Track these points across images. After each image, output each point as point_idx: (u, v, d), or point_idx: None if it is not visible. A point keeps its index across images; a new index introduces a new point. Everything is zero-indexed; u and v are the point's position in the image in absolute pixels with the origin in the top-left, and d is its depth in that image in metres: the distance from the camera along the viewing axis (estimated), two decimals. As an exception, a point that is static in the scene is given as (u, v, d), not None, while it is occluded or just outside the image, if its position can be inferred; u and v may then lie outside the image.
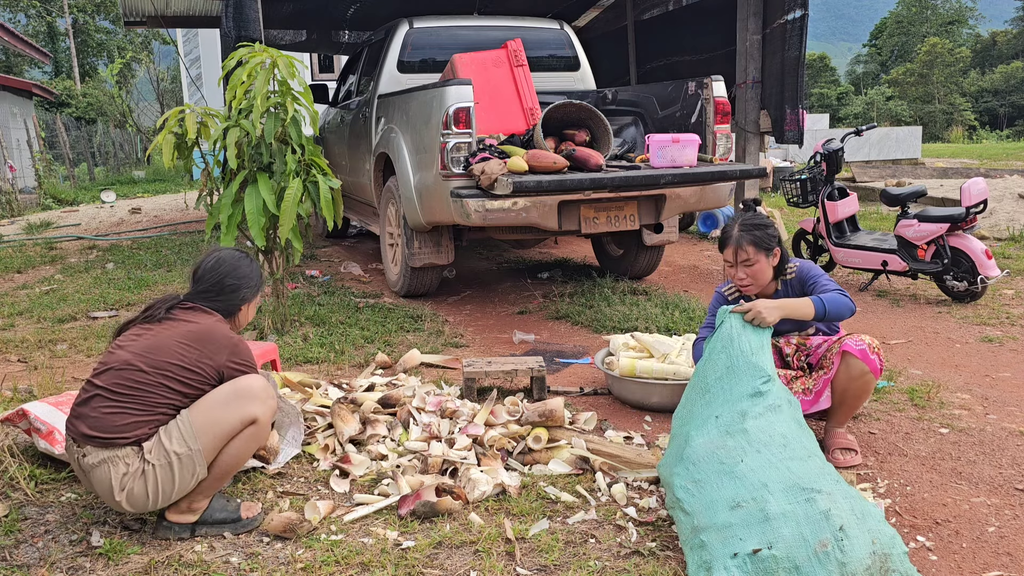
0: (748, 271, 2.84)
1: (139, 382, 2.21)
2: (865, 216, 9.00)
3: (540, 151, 4.76)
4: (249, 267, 2.55)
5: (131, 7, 9.62)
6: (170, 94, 32.26)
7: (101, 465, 2.18)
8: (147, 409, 2.21)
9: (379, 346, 4.29)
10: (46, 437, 2.67)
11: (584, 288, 5.56)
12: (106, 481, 2.18)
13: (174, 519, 2.34)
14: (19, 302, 5.59)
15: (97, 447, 2.18)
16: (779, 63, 7.29)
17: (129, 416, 2.20)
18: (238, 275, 2.49)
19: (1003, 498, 2.56)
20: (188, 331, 2.31)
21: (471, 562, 2.22)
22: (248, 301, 2.54)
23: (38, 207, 13.27)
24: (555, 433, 2.99)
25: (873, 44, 58.94)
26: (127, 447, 2.19)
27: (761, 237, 2.81)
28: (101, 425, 2.18)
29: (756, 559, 1.95)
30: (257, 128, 4.04)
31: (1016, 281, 5.67)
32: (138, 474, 2.19)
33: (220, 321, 2.41)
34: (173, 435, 2.21)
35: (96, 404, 2.21)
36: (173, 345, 2.26)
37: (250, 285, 2.53)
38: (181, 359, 2.25)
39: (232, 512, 2.40)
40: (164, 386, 2.23)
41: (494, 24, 6.36)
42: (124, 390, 2.21)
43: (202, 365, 2.28)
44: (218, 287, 2.45)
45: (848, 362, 2.79)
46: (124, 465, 2.18)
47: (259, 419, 2.30)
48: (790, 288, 2.91)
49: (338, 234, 8.44)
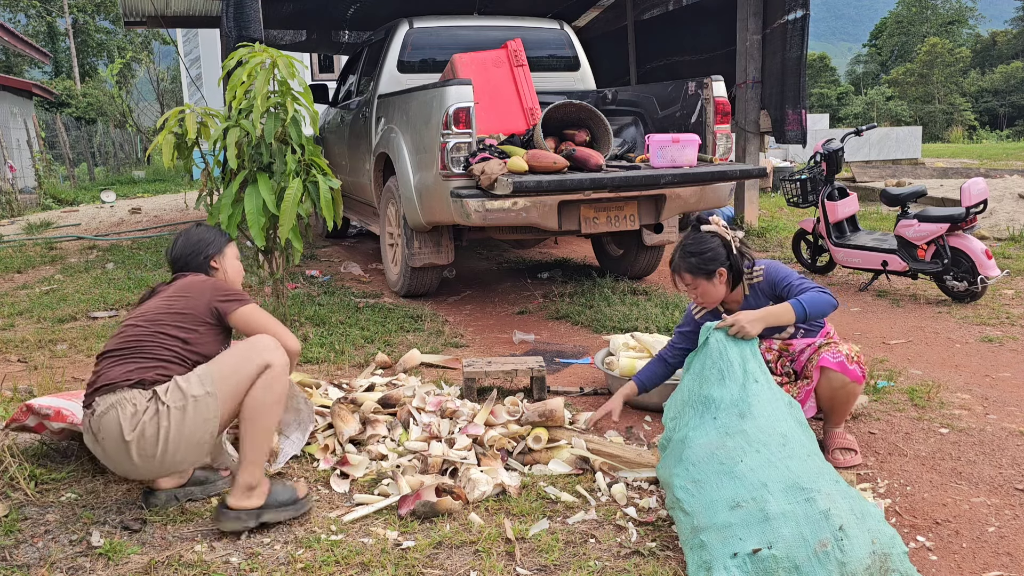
0: (694, 294, 2.86)
1: (137, 336, 2.38)
2: (865, 216, 9.00)
3: (540, 151, 4.76)
4: (195, 234, 2.72)
5: (131, 7, 9.62)
6: (170, 94, 32.26)
7: (109, 411, 2.25)
8: (149, 357, 2.34)
9: (379, 346, 4.29)
10: (56, 418, 2.66)
11: (584, 288, 5.56)
12: (115, 426, 2.24)
13: (240, 504, 2.33)
14: (19, 302, 5.59)
15: (104, 394, 2.28)
16: (779, 63, 7.30)
17: (131, 364, 2.33)
18: (191, 243, 2.68)
19: (1003, 498, 2.56)
20: (172, 289, 2.54)
21: (471, 562, 2.22)
22: (212, 256, 2.68)
23: (38, 207, 13.28)
24: (555, 433, 2.99)
25: (873, 44, 58.94)
26: (133, 389, 2.27)
27: (696, 264, 2.78)
28: (106, 376, 2.31)
29: (756, 559, 1.96)
30: (257, 128, 4.04)
31: (1016, 281, 5.67)
32: (151, 414, 2.24)
33: (200, 275, 2.60)
34: (192, 380, 2.31)
35: (101, 368, 2.36)
36: (162, 303, 2.46)
37: (205, 245, 2.68)
38: (170, 308, 2.43)
39: (292, 493, 2.45)
40: (161, 334, 2.38)
41: (494, 24, 6.36)
42: (125, 346, 2.37)
43: (191, 308, 2.45)
44: (180, 260, 2.66)
45: (827, 376, 2.78)
46: (132, 406, 2.25)
47: (273, 364, 2.36)
48: (759, 291, 2.85)
49: (338, 234, 8.44)
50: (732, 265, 2.81)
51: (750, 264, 2.85)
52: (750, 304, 2.84)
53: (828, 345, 2.83)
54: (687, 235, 2.88)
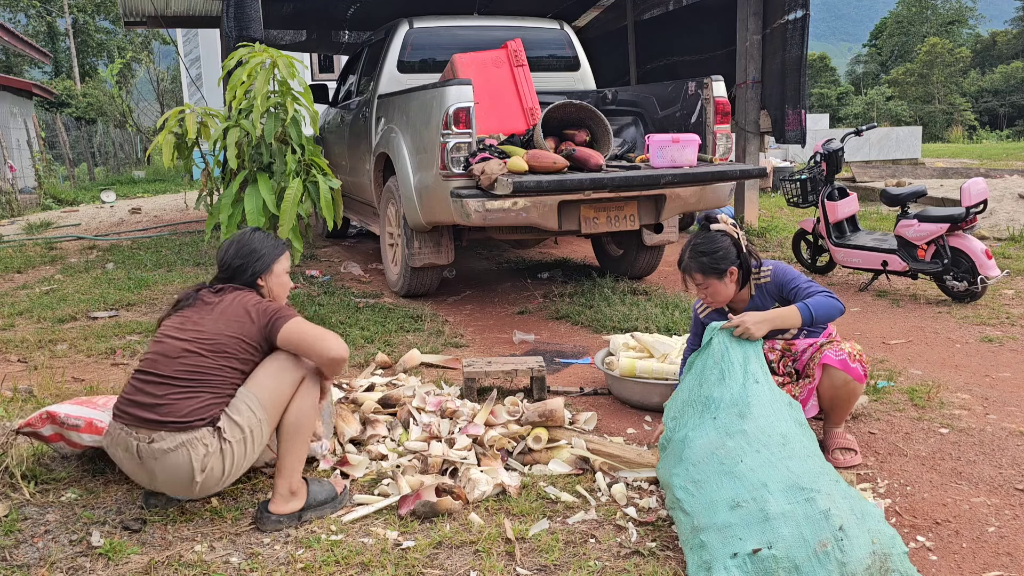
0: (705, 293, 2.85)
1: (204, 369, 2.33)
2: (865, 216, 9.00)
3: (540, 151, 4.76)
4: (252, 242, 2.59)
5: (131, 7, 9.62)
6: (170, 94, 32.26)
7: (179, 449, 2.26)
8: (216, 390, 2.34)
9: (379, 346, 4.29)
10: (87, 430, 2.62)
11: (584, 288, 5.56)
12: (184, 464, 2.26)
13: (281, 510, 2.39)
14: (19, 302, 5.59)
15: (173, 431, 2.26)
16: (779, 63, 7.30)
17: (201, 399, 2.31)
18: (242, 254, 2.57)
19: (1003, 498, 2.56)
20: (224, 311, 2.43)
21: (471, 562, 2.22)
22: (260, 274, 2.58)
23: (38, 207, 13.28)
24: (555, 433, 2.99)
25: (873, 44, 58.92)
26: (203, 428, 2.29)
27: (707, 263, 2.77)
28: (174, 410, 2.28)
29: (756, 559, 1.96)
30: (257, 128, 4.04)
31: (1016, 281, 5.67)
32: (217, 452, 2.29)
33: (246, 292, 2.51)
34: (242, 410, 2.33)
35: (161, 392, 2.31)
36: (220, 326, 2.39)
37: (257, 258, 2.57)
38: (230, 337, 2.37)
39: (330, 491, 2.50)
40: (226, 367, 2.36)
41: (494, 24, 6.36)
42: (191, 376, 2.32)
43: (247, 335, 2.40)
44: (229, 269, 2.56)
45: (829, 373, 2.78)
46: (203, 447, 2.28)
47: (306, 376, 2.43)
48: (766, 292, 2.85)
49: (338, 234, 8.44)
50: (742, 264, 2.82)
51: (757, 264, 2.85)
52: (756, 304, 2.84)
53: (831, 343, 2.83)
54: (696, 234, 2.86)
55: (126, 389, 2.38)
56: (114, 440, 2.36)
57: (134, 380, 2.38)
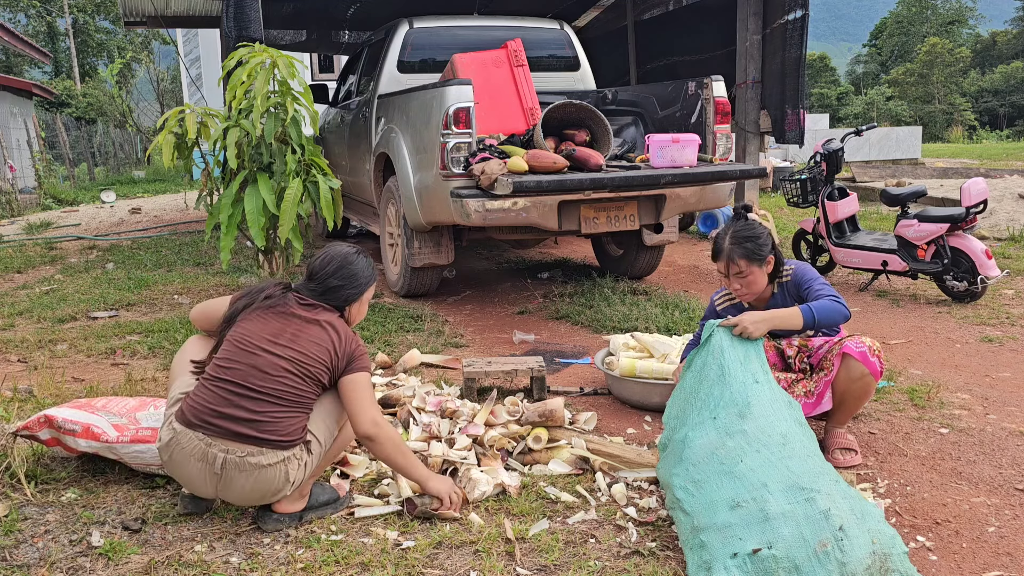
0: (742, 282, 2.83)
1: (301, 390, 2.35)
2: (865, 216, 9.00)
3: (540, 151, 4.76)
4: (355, 267, 2.55)
5: (131, 7, 9.62)
6: (170, 94, 32.26)
7: (277, 465, 2.29)
8: (308, 410, 2.40)
9: (379, 346, 4.29)
10: (84, 435, 2.60)
11: (584, 288, 5.56)
12: (278, 478, 2.30)
13: (285, 510, 2.41)
14: (19, 302, 5.59)
15: (276, 449, 2.29)
16: (779, 63, 7.30)
17: (299, 419, 2.35)
18: (342, 275, 2.52)
19: (1003, 498, 2.56)
20: (318, 338, 2.39)
21: (471, 562, 2.22)
22: (352, 301, 2.56)
23: (38, 207, 13.28)
24: (555, 433, 2.99)
25: (873, 44, 58.92)
26: (300, 445, 2.35)
27: (752, 249, 2.76)
28: (278, 428, 2.30)
29: (756, 559, 1.96)
30: (257, 128, 4.04)
31: (1016, 281, 5.67)
32: (303, 466, 2.35)
33: (339, 320, 2.49)
34: (321, 429, 2.41)
35: (260, 408, 2.29)
36: (314, 351, 2.37)
37: (355, 285, 2.54)
38: (324, 366, 2.38)
39: (332, 493, 2.54)
40: (315, 389, 2.40)
41: (494, 24, 6.36)
42: (291, 397, 2.33)
43: (329, 365, 2.40)
44: (323, 286, 2.51)
45: (848, 364, 2.77)
46: (298, 462, 2.33)
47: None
48: (786, 291, 2.88)
49: (338, 234, 8.43)
50: (776, 255, 2.82)
51: (780, 263, 2.87)
52: (777, 302, 2.86)
53: (851, 336, 2.83)
54: (732, 223, 2.85)
55: (209, 398, 2.30)
56: (183, 448, 2.27)
57: (221, 390, 2.30)
